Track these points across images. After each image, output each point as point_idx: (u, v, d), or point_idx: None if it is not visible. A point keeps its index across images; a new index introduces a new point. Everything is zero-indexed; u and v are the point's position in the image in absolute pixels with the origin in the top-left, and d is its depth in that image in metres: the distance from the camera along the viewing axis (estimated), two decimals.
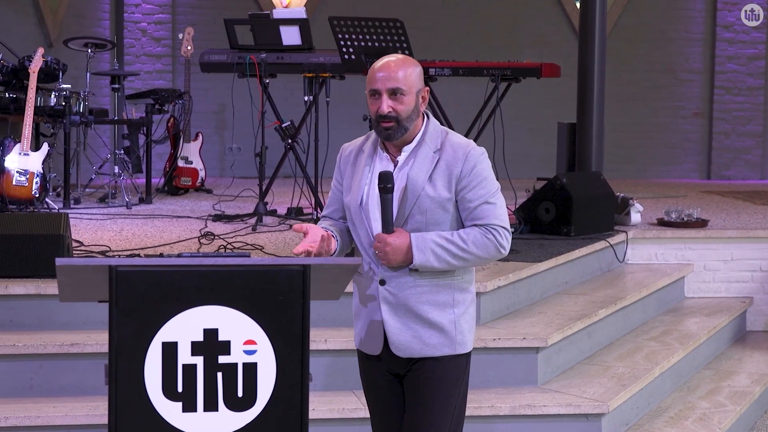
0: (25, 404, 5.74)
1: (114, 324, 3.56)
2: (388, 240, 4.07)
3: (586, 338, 7.00)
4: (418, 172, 4.13)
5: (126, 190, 10.24)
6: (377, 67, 4.14)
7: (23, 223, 6.54)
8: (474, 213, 4.15)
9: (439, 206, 4.14)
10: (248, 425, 3.66)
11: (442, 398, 4.26)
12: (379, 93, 4.11)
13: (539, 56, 10.68)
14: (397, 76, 4.10)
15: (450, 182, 4.14)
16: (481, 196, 4.15)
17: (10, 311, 6.17)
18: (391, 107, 4.09)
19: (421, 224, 4.13)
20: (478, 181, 4.15)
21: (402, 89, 4.09)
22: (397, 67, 4.12)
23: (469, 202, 4.15)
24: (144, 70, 13.76)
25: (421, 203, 4.12)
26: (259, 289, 3.65)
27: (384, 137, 4.16)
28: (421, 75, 4.19)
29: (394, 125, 4.11)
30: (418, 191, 4.12)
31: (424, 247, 4.08)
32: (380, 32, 8.45)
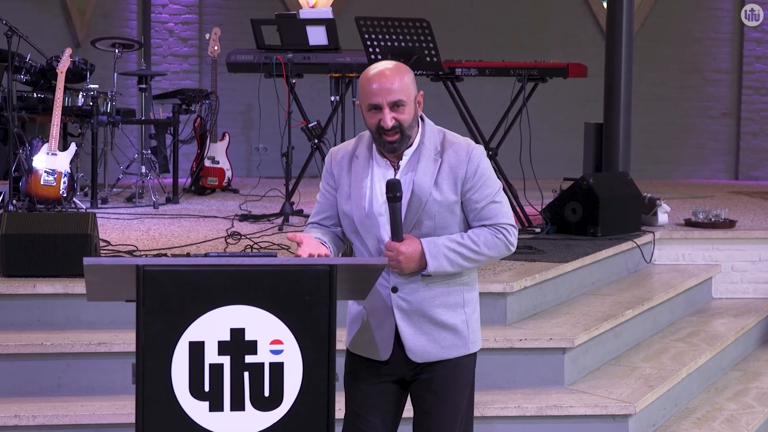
0: (53, 403, 5.77)
1: (141, 323, 3.57)
2: (400, 249, 4.03)
3: (612, 339, 6.98)
4: (423, 177, 4.09)
5: (153, 189, 10.27)
6: (372, 77, 4.06)
7: (51, 223, 6.57)
8: (482, 213, 4.14)
9: (447, 210, 4.11)
10: (275, 425, 3.66)
11: (457, 399, 4.25)
12: (380, 107, 4.04)
13: (566, 56, 10.66)
14: (395, 87, 4.03)
15: (456, 185, 4.11)
16: (487, 196, 4.14)
17: (38, 310, 6.19)
18: (395, 119, 4.03)
19: (430, 229, 4.11)
20: (483, 181, 4.13)
21: (402, 100, 4.04)
22: (393, 77, 4.04)
23: (476, 203, 4.13)
24: (171, 71, 13.80)
25: (429, 208, 4.09)
26: (286, 289, 3.65)
27: (389, 150, 4.09)
28: (414, 80, 4.12)
29: (398, 137, 4.06)
30: (425, 197, 4.08)
31: (437, 253, 4.06)
32: (407, 32, 8.44)
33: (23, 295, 6.19)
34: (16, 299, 6.18)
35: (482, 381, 6.21)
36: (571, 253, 7.74)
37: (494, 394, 6.15)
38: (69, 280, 6.26)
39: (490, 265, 7.16)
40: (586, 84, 11.07)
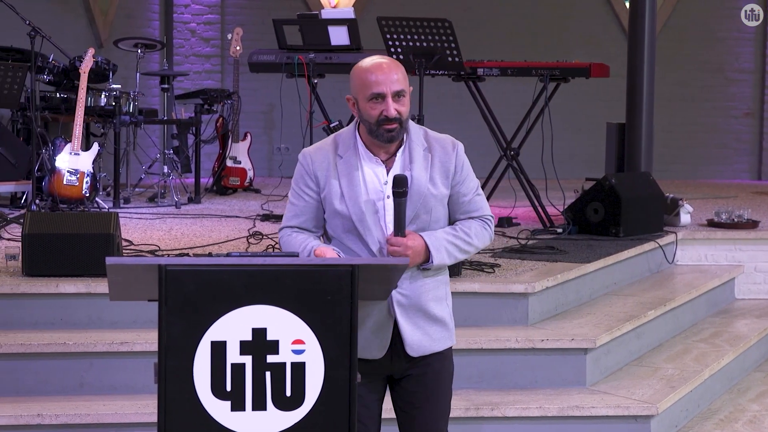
0: (75, 402, 5.78)
1: (163, 323, 3.58)
2: (407, 243, 4.06)
3: (635, 339, 6.97)
4: (420, 173, 4.15)
5: (175, 189, 10.29)
6: (370, 69, 4.13)
7: (74, 223, 6.59)
8: (469, 206, 4.25)
9: (440, 203, 4.20)
10: (296, 425, 3.66)
11: (446, 390, 4.37)
12: (383, 96, 4.08)
13: (588, 56, 10.63)
14: (398, 78, 4.10)
15: (447, 178, 4.20)
16: (472, 189, 4.27)
17: (60, 310, 6.21)
18: (397, 109, 4.09)
19: (426, 223, 4.18)
20: (467, 174, 4.26)
21: (404, 91, 4.11)
22: (394, 68, 4.13)
23: (464, 196, 4.24)
24: (193, 71, 13.82)
25: (427, 203, 4.16)
26: (308, 289, 3.66)
27: (387, 140, 4.12)
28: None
29: (397, 127, 4.10)
30: (423, 191, 4.14)
31: (439, 246, 4.14)
32: (428, 32, 8.44)
33: (46, 294, 6.21)
34: (39, 299, 6.21)
35: (503, 381, 6.23)
36: (593, 253, 7.73)
37: (515, 394, 6.14)
38: (91, 279, 6.28)
39: (512, 265, 7.16)
40: (608, 84, 11.03)
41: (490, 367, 6.27)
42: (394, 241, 4.06)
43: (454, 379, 6.17)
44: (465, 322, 6.51)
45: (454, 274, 6.63)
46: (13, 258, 6.53)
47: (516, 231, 8.62)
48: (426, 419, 4.30)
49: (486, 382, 6.25)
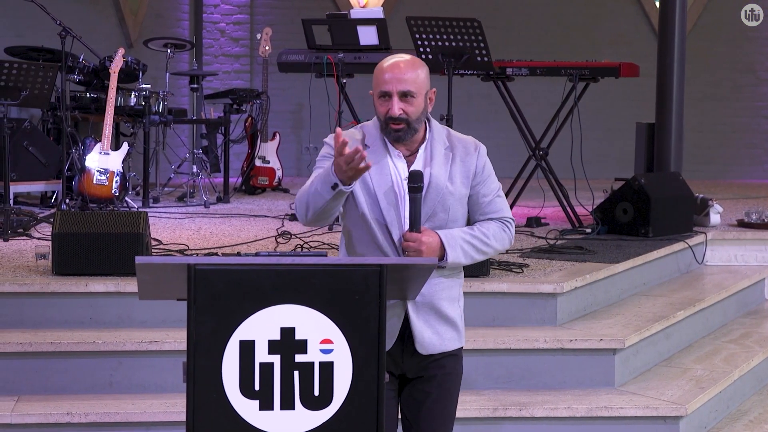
0: (104, 400, 5.81)
1: (192, 322, 3.59)
2: (422, 239, 4.06)
3: (664, 340, 6.94)
4: (439, 171, 4.16)
5: (204, 189, 10.32)
6: (386, 67, 4.11)
7: (103, 222, 6.62)
8: (489, 207, 4.25)
9: (459, 203, 4.20)
10: (324, 424, 3.67)
11: (456, 392, 4.38)
12: (390, 95, 4.09)
13: (618, 56, 10.60)
14: (407, 77, 4.08)
15: (467, 178, 4.21)
16: (493, 190, 4.27)
17: (90, 309, 6.24)
18: (402, 109, 4.08)
19: (443, 222, 4.17)
20: (489, 175, 4.26)
21: (412, 91, 4.08)
22: (407, 68, 4.10)
23: (484, 197, 4.24)
24: (222, 70, 13.86)
25: (445, 201, 4.16)
26: (336, 289, 3.66)
27: (393, 139, 4.14)
28: (428, 76, 4.17)
29: (404, 127, 4.10)
30: (442, 189, 4.15)
31: (455, 244, 4.13)
32: (458, 32, 8.44)
33: (76, 293, 6.24)
34: (68, 297, 6.24)
35: (532, 381, 6.22)
36: (622, 253, 7.71)
37: (544, 394, 6.13)
38: (121, 278, 6.31)
39: (540, 265, 7.15)
40: (637, 84, 11.00)
41: (518, 367, 6.26)
42: (408, 236, 4.07)
43: (482, 378, 6.21)
44: (493, 322, 6.51)
45: (482, 274, 6.64)
46: (44, 257, 6.57)
47: (545, 231, 8.60)
48: (435, 420, 4.29)
49: (514, 383, 6.24)
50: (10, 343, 5.89)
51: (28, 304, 6.21)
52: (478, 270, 6.65)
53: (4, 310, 6.18)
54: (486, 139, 4.35)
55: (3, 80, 8.19)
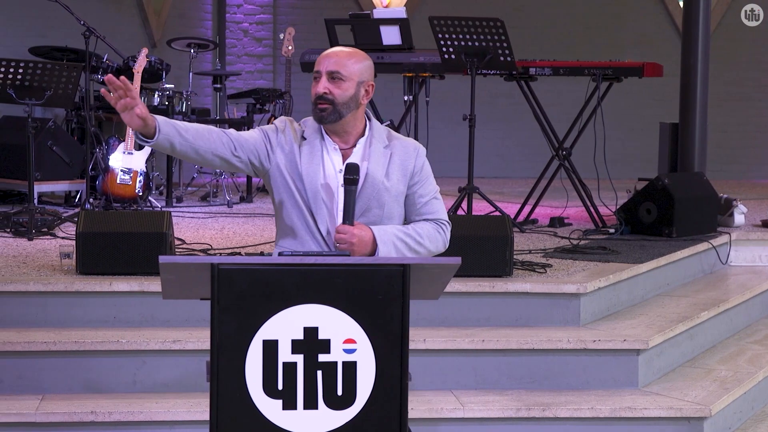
0: (128, 399, 5.82)
1: (216, 321, 3.60)
2: (354, 232, 4.11)
3: (687, 341, 6.92)
4: (376, 166, 4.23)
5: (227, 188, 10.34)
6: (324, 52, 4.26)
7: (127, 221, 6.63)
8: (425, 208, 4.32)
9: (395, 200, 4.27)
10: (347, 424, 3.67)
11: None
12: (320, 74, 4.21)
13: (641, 56, 10.58)
14: (339, 61, 4.22)
15: (404, 176, 4.28)
16: (430, 192, 4.34)
17: (114, 308, 6.26)
18: (328, 89, 4.19)
19: (378, 218, 4.23)
20: (427, 177, 4.34)
21: (341, 73, 4.20)
22: (342, 53, 4.26)
23: (421, 197, 4.31)
24: (245, 70, 13.88)
25: (380, 197, 4.23)
26: (359, 288, 3.66)
27: (317, 119, 4.24)
28: (369, 69, 4.30)
29: (329, 108, 4.20)
30: (377, 185, 4.22)
31: (387, 240, 4.17)
32: (480, 32, 8.43)
33: (100, 292, 6.26)
34: (92, 297, 6.25)
35: (555, 381, 6.20)
36: (646, 253, 7.68)
37: (567, 395, 6.12)
38: (144, 278, 6.32)
39: (564, 265, 7.13)
40: (661, 83, 10.98)
41: (542, 367, 6.24)
42: (340, 229, 4.12)
43: (505, 379, 6.21)
44: (516, 322, 6.50)
45: (505, 274, 6.63)
46: (68, 256, 6.59)
47: (568, 231, 8.59)
48: None
49: (537, 383, 6.23)
50: (34, 342, 5.91)
51: (52, 303, 6.23)
52: (501, 270, 6.64)
53: (28, 309, 6.20)
54: (509, 139, 4.37)
55: (27, 80, 8.23)
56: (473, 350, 6.18)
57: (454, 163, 11.39)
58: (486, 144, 12.53)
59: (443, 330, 6.31)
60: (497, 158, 13.37)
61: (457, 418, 5.85)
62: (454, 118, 9.36)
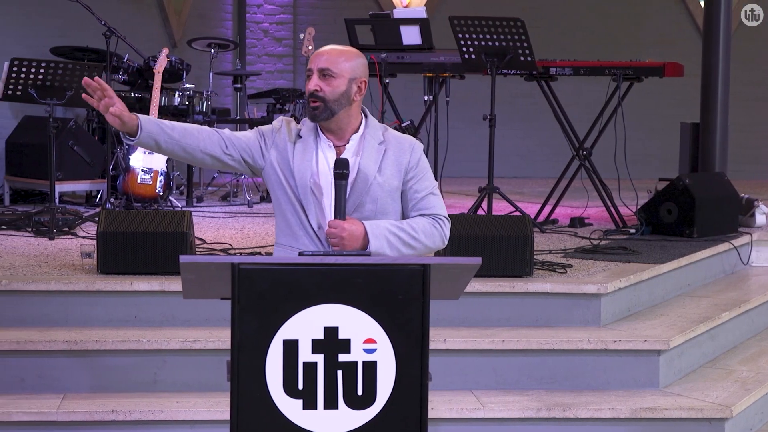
0: (149, 399, 5.84)
1: (236, 321, 3.61)
2: (344, 226, 4.11)
3: (708, 341, 6.90)
4: (368, 162, 4.24)
5: (247, 188, 10.36)
6: (318, 50, 4.29)
7: (147, 221, 6.65)
8: (421, 203, 4.30)
9: (389, 195, 4.26)
10: (368, 423, 3.67)
11: None
12: (312, 72, 4.23)
13: (662, 55, 10.55)
14: (330, 58, 4.24)
15: (399, 172, 4.28)
16: (427, 188, 4.32)
17: (134, 307, 6.27)
18: (319, 86, 4.21)
19: (371, 213, 4.23)
20: (423, 173, 4.32)
21: (331, 70, 4.21)
22: (335, 52, 4.27)
23: (417, 193, 4.30)
24: (265, 70, 13.89)
25: (373, 192, 4.23)
26: (379, 288, 3.66)
27: (310, 116, 4.26)
28: (361, 66, 4.31)
29: (320, 105, 4.22)
30: (369, 180, 4.22)
31: (379, 234, 4.16)
32: (501, 31, 8.42)
33: (120, 292, 6.28)
34: (113, 296, 6.27)
35: (576, 382, 6.19)
36: (667, 254, 7.66)
37: (588, 395, 6.11)
38: (165, 277, 6.33)
39: (584, 266, 7.12)
40: (682, 83, 10.94)
41: (562, 368, 6.24)
42: (331, 223, 4.12)
43: (526, 379, 6.21)
44: (536, 322, 6.50)
45: (525, 274, 6.62)
46: (89, 256, 6.61)
47: (588, 231, 8.57)
48: None
49: (558, 383, 6.22)
50: (55, 341, 5.93)
51: (73, 303, 6.25)
52: (522, 270, 6.64)
53: (49, 309, 6.22)
54: (529, 139, 4.37)
55: (49, 80, 8.26)
56: (493, 350, 6.18)
57: (475, 163, 11.38)
58: (506, 144, 12.52)
59: (463, 330, 6.31)
60: (517, 158, 13.35)
61: (478, 418, 5.85)
62: (475, 118, 9.34)
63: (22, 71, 8.28)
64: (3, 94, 8.55)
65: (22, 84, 8.29)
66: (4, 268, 6.61)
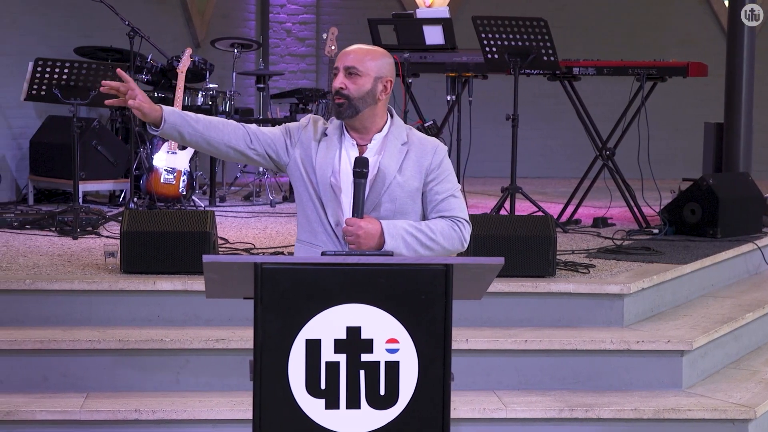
0: (171, 398, 5.85)
1: (259, 321, 3.61)
2: (361, 224, 4.10)
3: (732, 342, 6.87)
4: (389, 161, 4.23)
5: (270, 188, 10.37)
6: (345, 49, 4.31)
7: (170, 221, 6.67)
8: (441, 205, 4.28)
9: (408, 196, 4.25)
10: (390, 423, 3.67)
11: None
12: (338, 70, 4.25)
13: (685, 55, 10.51)
14: (357, 57, 4.25)
15: (420, 173, 4.26)
16: (448, 190, 4.29)
17: (158, 307, 6.29)
18: (344, 84, 4.22)
19: (390, 213, 4.22)
20: (445, 175, 4.30)
21: (357, 69, 4.23)
22: (362, 51, 4.29)
23: (437, 194, 4.28)
24: (288, 70, 13.91)
25: (392, 192, 4.22)
26: (402, 288, 3.66)
27: (335, 114, 4.27)
28: (388, 65, 4.32)
29: (344, 103, 4.22)
30: (389, 180, 4.22)
31: (396, 234, 4.14)
32: (524, 31, 8.41)
33: (143, 291, 6.30)
34: (136, 295, 6.29)
35: (598, 382, 6.18)
36: (690, 254, 7.64)
37: (610, 395, 6.09)
38: (188, 277, 6.35)
39: (607, 266, 7.10)
40: (706, 83, 10.91)
41: (585, 368, 6.23)
42: (348, 221, 4.12)
43: (548, 379, 6.20)
44: (559, 322, 6.49)
45: (548, 275, 6.61)
46: (112, 255, 6.63)
47: (611, 231, 8.55)
48: None
49: (580, 384, 6.21)
50: (79, 341, 5.95)
51: (96, 302, 6.27)
52: (544, 270, 6.63)
53: (73, 308, 6.25)
54: (552, 139, 4.36)
55: (73, 80, 8.29)
56: (516, 350, 6.17)
57: (497, 163, 11.36)
58: (529, 144, 12.50)
59: (486, 330, 6.30)
60: (540, 158, 13.33)
61: (500, 419, 5.84)
62: (497, 118, 9.33)
63: (46, 71, 8.31)
64: (27, 94, 8.58)
65: (47, 84, 8.32)
66: (28, 267, 6.64)
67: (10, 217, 8.39)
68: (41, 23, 10.45)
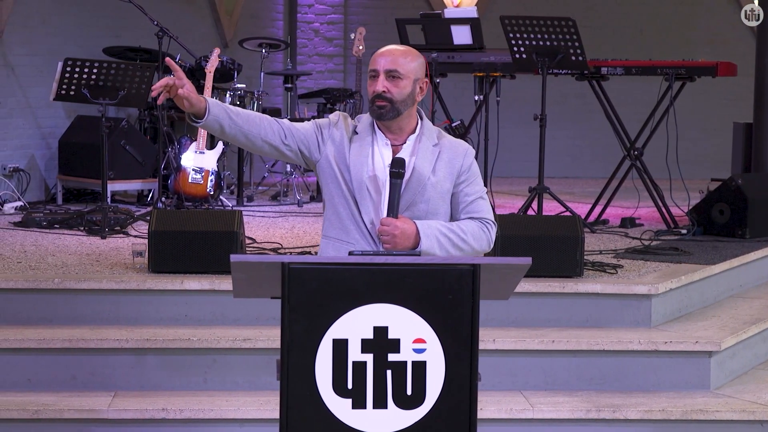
0: (199, 397, 5.87)
1: (286, 320, 3.62)
2: (397, 224, 4.13)
3: (761, 343, 6.84)
4: (423, 162, 4.26)
5: (297, 188, 10.38)
6: (380, 51, 4.30)
7: (198, 220, 6.69)
8: (470, 206, 4.33)
9: (440, 197, 4.29)
10: (417, 423, 3.67)
11: None
12: (377, 73, 4.24)
13: (714, 55, 10.48)
14: (396, 59, 4.26)
15: (451, 175, 4.31)
16: (477, 192, 4.35)
17: (185, 306, 6.31)
18: (386, 87, 4.23)
19: (423, 213, 4.25)
20: (474, 178, 4.36)
21: (399, 72, 4.24)
22: (399, 53, 4.29)
23: (467, 196, 4.33)
24: (316, 70, 13.92)
25: (426, 192, 4.26)
26: (429, 288, 3.66)
27: (376, 116, 4.27)
28: (423, 66, 4.33)
29: (387, 105, 4.23)
30: (423, 180, 4.25)
31: (430, 234, 4.18)
32: (552, 31, 8.39)
33: (171, 290, 6.31)
34: (164, 295, 6.31)
35: (625, 383, 6.17)
36: (719, 254, 7.61)
37: (638, 396, 6.08)
38: (216, 276, 6.36)
39: (635, 266, 7.08)
40: (735, 83, 10.86)
41: (612, 368, 6.21)
42: (384, 221, 4.14)
43: (575, 380, 6.19)
44: (586, 322, 6.47)
45: (575, 275, 6.60)
46: (140, 255, 6.66)
47: (639, 231, 8.52)
48: None
49: (608, 384, 6.19)
50: (107, 340, 5.98)
51: (124, 301, 6.29)
52: (572, 270, 6.61)
53: (101, 307, 6.27)
54: (580, 139, 4.36)
55: (101, 80, 8.32)
56: (543, 351, 6.16)
57: (525, 163, 11.34)
58: (556, 144, 12.47)
59: (513, 330, 6.30)
60: (568, 158, 13.29)
61: (527, 419, 5.84)
62: (525, 118, 9.32)
63: (75, 71, 8.35)
64: (56, 94, 8.63)
65: (75, 84, 8.36)
66: (56, 266, 6.68)
67: (39, 216, 8.43)
68: (70, 23, 10.49)
